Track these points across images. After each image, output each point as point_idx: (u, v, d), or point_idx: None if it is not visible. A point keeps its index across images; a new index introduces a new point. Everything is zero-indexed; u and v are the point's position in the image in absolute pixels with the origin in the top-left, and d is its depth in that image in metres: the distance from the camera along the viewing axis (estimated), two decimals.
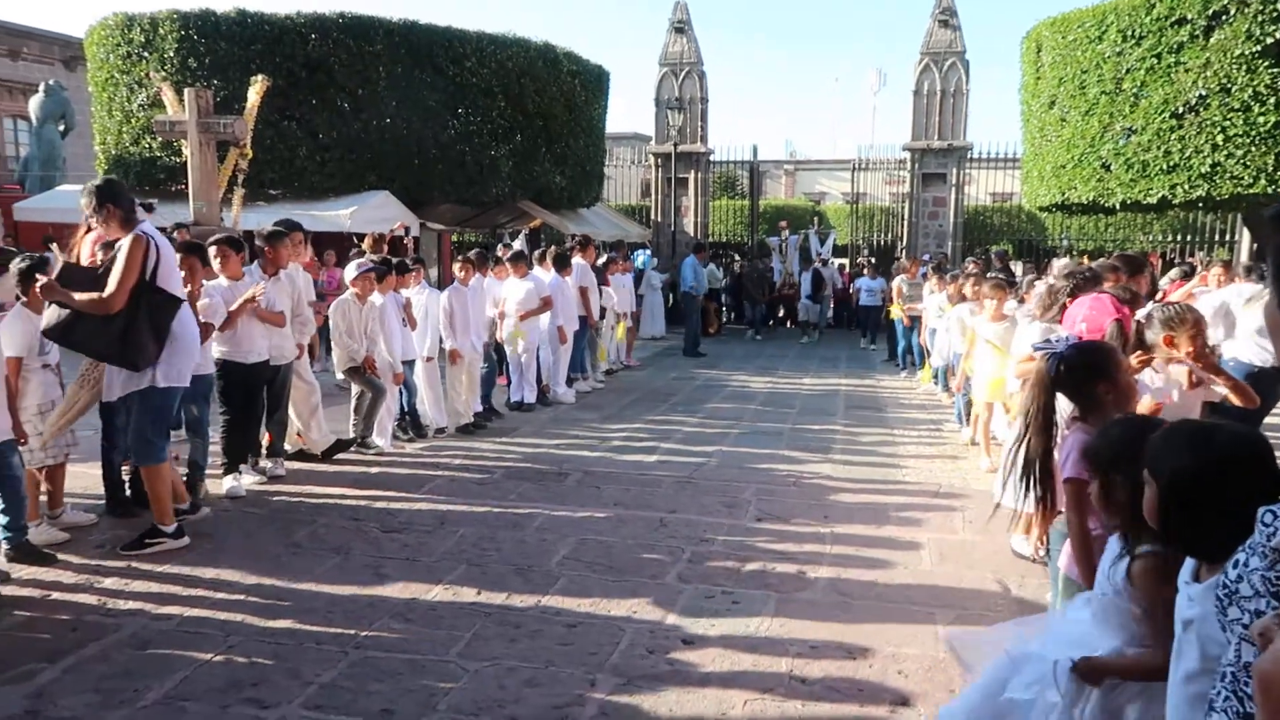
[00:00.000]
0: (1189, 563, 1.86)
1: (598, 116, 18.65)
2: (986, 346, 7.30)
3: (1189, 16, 12.11)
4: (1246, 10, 11.57)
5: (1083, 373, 2.94)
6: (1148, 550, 2.19)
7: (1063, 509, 2.93)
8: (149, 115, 13.46)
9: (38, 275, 4.91)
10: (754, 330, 17.79)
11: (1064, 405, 3.05)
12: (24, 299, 5.10)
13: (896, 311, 12.76)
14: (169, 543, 4.98)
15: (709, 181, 20.60)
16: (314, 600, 4.39)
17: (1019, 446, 3.01)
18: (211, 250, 6.13)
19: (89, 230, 6.33)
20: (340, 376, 7.43)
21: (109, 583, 4.55)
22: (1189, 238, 20.67)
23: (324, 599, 4.40)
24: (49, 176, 19.55)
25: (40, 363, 5.16)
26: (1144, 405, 3.80)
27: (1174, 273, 11.03)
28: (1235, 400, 4.10)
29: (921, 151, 18.57)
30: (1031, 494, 2.99)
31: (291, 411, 6.97)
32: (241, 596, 4.42)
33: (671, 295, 18.50)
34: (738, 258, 20.12)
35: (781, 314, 19.78)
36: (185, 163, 10.15)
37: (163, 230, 7.62)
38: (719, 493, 6.44)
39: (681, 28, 19.56)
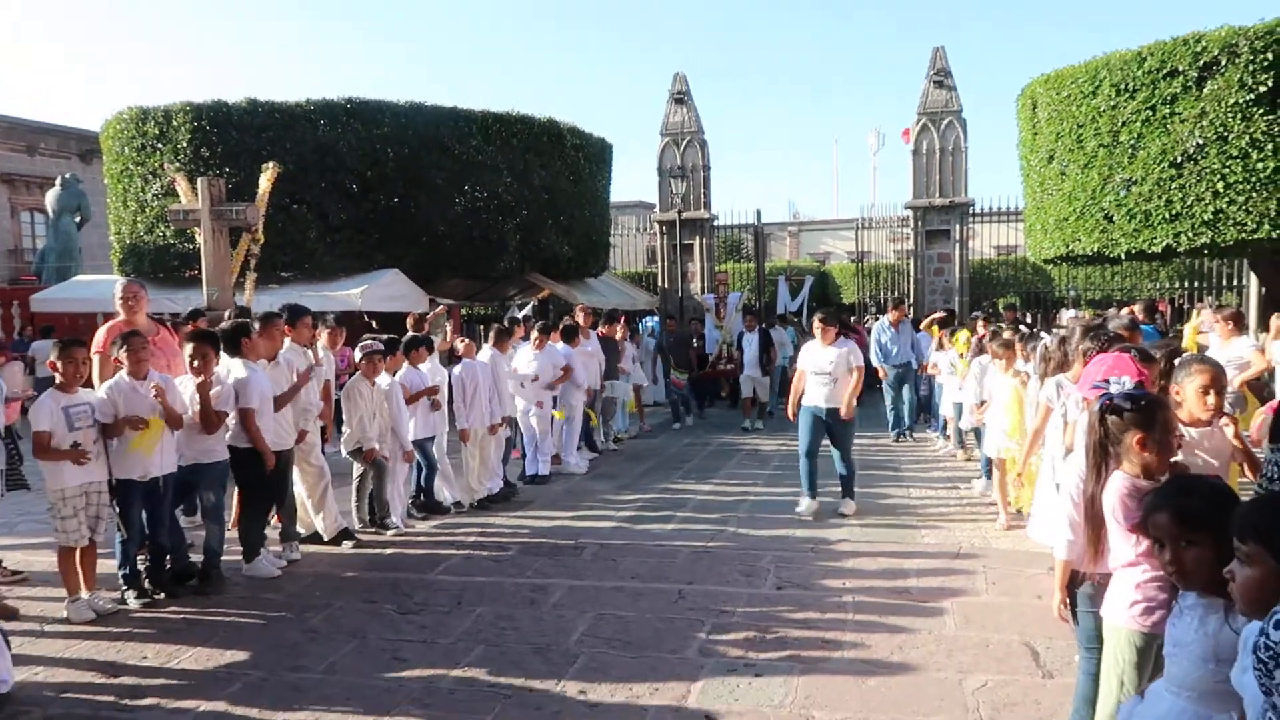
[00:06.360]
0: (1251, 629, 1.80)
1: (602, 187, 18.94)
2: (999, 403, 7.29)
3: (1180, 68, 12.29)
4: (1237, 61, 11.75)
5: (1129, 419, 2.96)
6: None
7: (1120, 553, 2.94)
8: (163, 205, 13.72)
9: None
10: (678, 415, 13.65)
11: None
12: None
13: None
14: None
15: (714, 246, 20.81)
16: (333, 688, 4.33)
17: (1081, 485, 3.07)
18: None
19: (107, 320, 6.46)
20: (345, 454, 7.44)
21: (125, 678, 4.50)
22: (1196, 284, 20.71)
23: (343, 686, 4.35)
24: (65, 268, 19.92)
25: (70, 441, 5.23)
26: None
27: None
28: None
29: (924, 209, 18.75)
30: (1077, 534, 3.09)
31: (303, 494, 6.96)
32: (260, 686, 4.37)
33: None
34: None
35: (724, 392, 16.32)
36: (198, 250, 10.31)
37: (176, 317, 7.77)
38: (737, 561, 6.37)
39: (681, 98, 19.97)
